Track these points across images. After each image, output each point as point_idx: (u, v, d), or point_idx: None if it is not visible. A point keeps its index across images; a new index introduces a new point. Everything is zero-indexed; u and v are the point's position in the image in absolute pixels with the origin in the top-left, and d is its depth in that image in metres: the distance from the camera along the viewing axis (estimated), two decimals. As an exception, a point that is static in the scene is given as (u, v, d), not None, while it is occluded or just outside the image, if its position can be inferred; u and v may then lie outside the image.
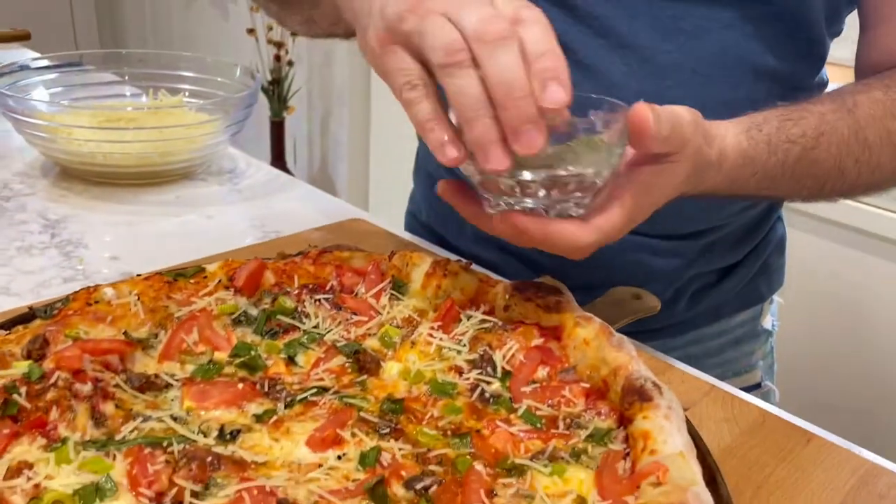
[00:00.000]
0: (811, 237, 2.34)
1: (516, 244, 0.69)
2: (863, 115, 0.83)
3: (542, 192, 0.65)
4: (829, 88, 1.02)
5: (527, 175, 0.64)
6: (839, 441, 0.70)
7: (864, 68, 0.94)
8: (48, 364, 0.60)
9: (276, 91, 3.72)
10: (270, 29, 3.61)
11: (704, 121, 0.72)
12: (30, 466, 0.53)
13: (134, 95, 1.54)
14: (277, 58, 3.68)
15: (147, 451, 0.55)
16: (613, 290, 0.86)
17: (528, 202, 0.66)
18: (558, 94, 0.59)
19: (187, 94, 1.50)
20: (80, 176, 1.30)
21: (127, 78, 1.54)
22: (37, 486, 0.51)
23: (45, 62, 1.52)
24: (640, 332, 0.84)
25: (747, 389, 0.94)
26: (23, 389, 0.57)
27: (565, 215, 0.66)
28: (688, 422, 0.61)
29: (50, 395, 0.57)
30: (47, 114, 1.31)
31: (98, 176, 1.28)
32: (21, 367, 0.59)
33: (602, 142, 0.65)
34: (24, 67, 1.46)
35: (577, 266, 0.76)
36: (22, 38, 2.28)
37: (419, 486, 0.55)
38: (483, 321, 0.73)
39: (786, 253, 1.14)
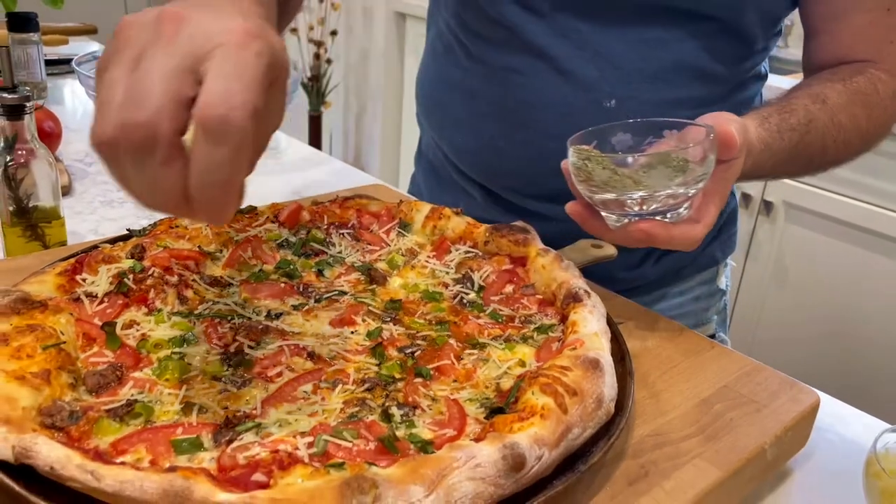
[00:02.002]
0: (810, 233, 2.51)
1: (640, 246, 0.86)
2: (833, 103, 1.03)
3: (655, 206, 0.81)
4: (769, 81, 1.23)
5: (657, 194, 0.78)
6: (736, 351, 0.91)
7: (812, 67, 1.14)
8: (146, 263, 0.83)
9: (315, 87, 3.96)
10: (311, 29, 3.86)
11: None
12: (137, 323, 0.76)
13: (193, 82, 1.78)
14: (317, 56, 3.92)
15: (217, 321, 0.78)
16: (580, 241, 1.07)
17: (648, 214, 0.80)
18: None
19: (238, 81, 1.74)
20: (148, 148, 1.53)
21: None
22: (143, 334, 0.74)
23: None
24: (620, 290, 1.04)
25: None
26: (130, 276, 0.80)
27: (677, 218, 0.82)
28: (610, 321, 0.82)
29: (149, 282, 0.80)
30: (123, 95, 1.55)
31: (163, 148, 1.52)
32: (127, 263, 0.82)
33: (686, 159, 0.78)
34: (96, 57, 1.71)
35: (567, 238, 1.00)
36: (90, 31, 2.54)
37: (408, 351, 0.77)
38: (467, 252, 0.95)
39: (737, 222, 1.33)
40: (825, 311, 2.49)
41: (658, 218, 0.82)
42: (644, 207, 0.81)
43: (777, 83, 2.25)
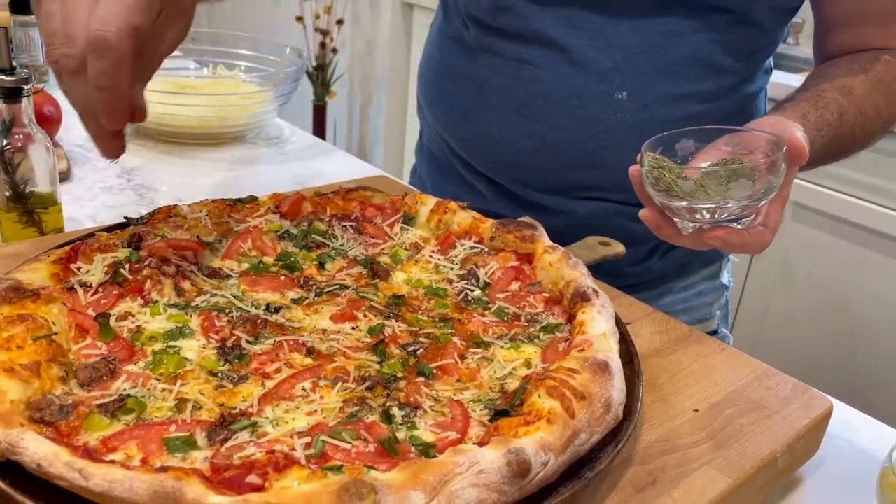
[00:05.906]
0: (817, 232, 2.49)
1: (706, 248, 0.85)
2: (858, 94, 1.03)
3: (727, 215, 0.80)
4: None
5: (731, 205, 0.79)
6: (745, 353, 0.88)
7: (826, 56, 1.15)
8: (143, 252, 0.81)
9: (320, 76, 3.93)
10: (317, 17, 3.82)
11: None
12: (132, 315, 0.73)
13: (196, 68, 1.76)
14: (323, 45, 3.88)
15: (214, 313, 0.75)
16: (587, 238, 1.05)
17: (719, 221, 0.81)
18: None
19: (243, 68, 1.71)
20: (149, 134, 1.51)
21: (191, 53, 1.76)
22: (138, 326, 0.72)
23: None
24: (626, 286, 1.02)
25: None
26: (126, 266, 0.78)
27: (747, 225, 0.82)
28: (618, 321, 0.80)
29: (145, 272, 0.78)
30: (125, 80, 1.53)
31: (165, 135, 1.50)
32: (124, 252, 0.80)
33: (755, 168, 0.79)
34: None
35: (574, 232, 0.98)
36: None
37: (410, 348, 0.75)
38: (473, 247, 0.92)
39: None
40: (831, 312, 2.46)
41: (733, 225, 0.82)
42: (716, 216, 0.81)
43: (786, 80, 2.23)
